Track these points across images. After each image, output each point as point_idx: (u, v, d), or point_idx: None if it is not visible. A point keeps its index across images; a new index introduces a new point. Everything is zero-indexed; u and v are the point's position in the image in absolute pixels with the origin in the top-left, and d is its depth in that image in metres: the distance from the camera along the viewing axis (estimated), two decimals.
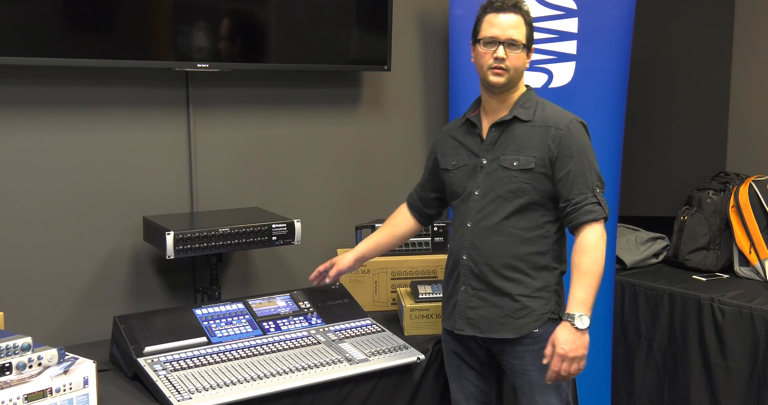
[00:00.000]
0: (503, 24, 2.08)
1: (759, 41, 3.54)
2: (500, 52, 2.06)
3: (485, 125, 2.19)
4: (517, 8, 2.10)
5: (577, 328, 1.98)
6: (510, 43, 2.07)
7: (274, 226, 2.54)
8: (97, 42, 2.42)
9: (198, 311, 2.38)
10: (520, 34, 2.08)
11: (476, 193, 2.16)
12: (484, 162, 2.15)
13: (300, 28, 2.80)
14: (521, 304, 2.12)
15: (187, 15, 2.58)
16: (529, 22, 2.12)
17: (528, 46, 2.12)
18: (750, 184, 3.25)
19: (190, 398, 1.98)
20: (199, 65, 2.58)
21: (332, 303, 2.58)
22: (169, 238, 2.35)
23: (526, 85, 2.20)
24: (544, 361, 2.02)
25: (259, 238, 2.51)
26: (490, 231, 2.13)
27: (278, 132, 2.95)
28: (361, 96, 3.16)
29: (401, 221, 2.46)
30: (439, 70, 3.35)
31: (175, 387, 2.02)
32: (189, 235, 2.39)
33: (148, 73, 2.63)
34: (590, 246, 2.05)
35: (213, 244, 2.44)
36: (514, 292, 2.12)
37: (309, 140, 3.03)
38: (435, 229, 2.87)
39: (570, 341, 1.98)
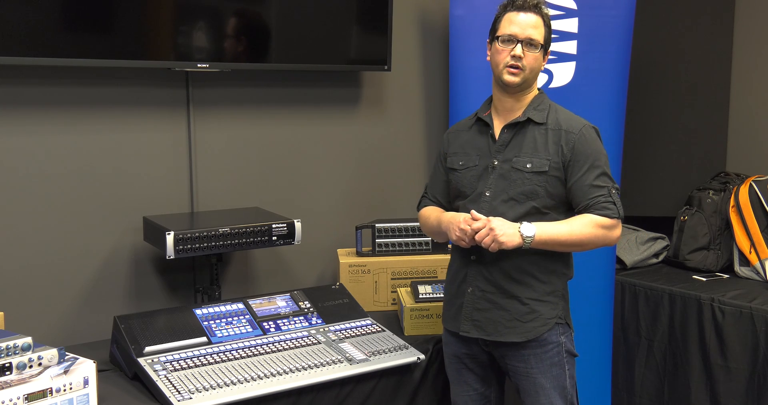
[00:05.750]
0: (523, 23, 2.07)
1: (759, 41, 3.54)
2: (518, 50, 2.06)
3: (497, 126, 2.17)
4: (538, 9, 2.10)
5: (520, 229, 2.00)
6: (528, 43, 2.07)
7: (274, 226, 2.53)
8: (97, 42, 2.42)
9: (198, 311, 2.38)
10: (539, 34, 2.08)
11: (487, 194, 2.14)
12: (496, 163, 2.14)
13: (300, 28, 2.80)
14: (529, 308, 2.12)
15: (187, 15, 2.58)
16: (548, 23, 2.12)
17: (545, 47, 2.11)
18: (750, 184, 3.25)
19: (190, 398, 1.98)
20: (199, 65, 2.58)
21: (332, 303, 2.58)
22: (169, 238, 2.35)
23: (539, 89, 2.19)
24: (465, 225, 2.03)
25: (259, 238, 2.51)
26: None
27: (278, 132, 2.95)
28: (361, 96, 3.16)
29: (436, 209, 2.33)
30: (439, 70, 3.35)
31: (175, 387, 2.02)
32: (189, 235, 2.38)
33: (148, 73, 2.63)
34: (594, 224, 2.05)
35: (213, 244, 2.44)
36: (523, 295, 2.11)
37: (309, 140, 3.03)
38: None
39: (506, 227, 2.00)
